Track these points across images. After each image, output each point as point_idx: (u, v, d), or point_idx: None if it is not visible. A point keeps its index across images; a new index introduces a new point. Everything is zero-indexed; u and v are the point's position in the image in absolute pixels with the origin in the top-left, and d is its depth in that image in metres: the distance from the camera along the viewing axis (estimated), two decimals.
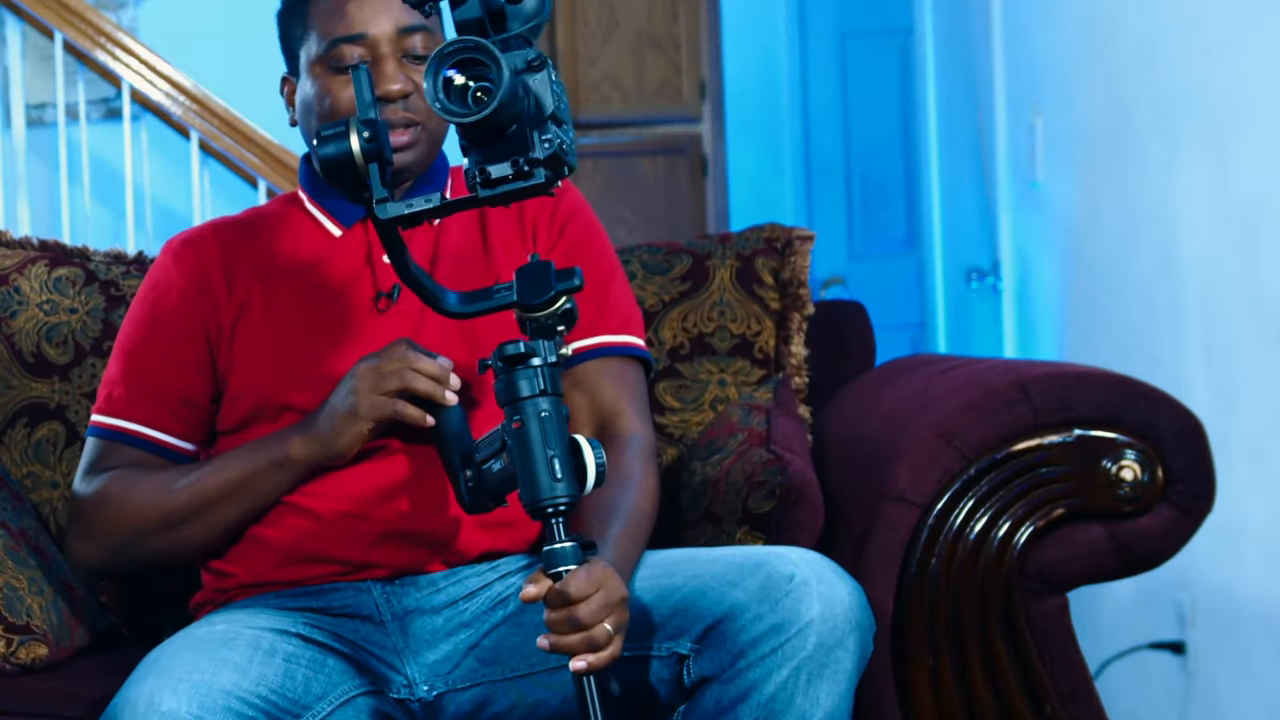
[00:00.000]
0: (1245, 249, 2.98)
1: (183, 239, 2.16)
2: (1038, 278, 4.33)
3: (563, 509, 1.70)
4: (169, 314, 2.11)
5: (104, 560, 2.10)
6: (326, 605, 1.99)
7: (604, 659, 1.70)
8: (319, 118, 2.06)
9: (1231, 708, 3.15)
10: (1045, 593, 2.11)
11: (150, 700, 1.73)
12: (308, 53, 2.09)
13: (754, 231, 2.55)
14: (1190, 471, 2.12)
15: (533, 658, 1.93)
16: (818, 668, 1.77)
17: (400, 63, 2.04)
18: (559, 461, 1.70)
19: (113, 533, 2.06)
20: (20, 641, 2.12)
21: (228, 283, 2.10)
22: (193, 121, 4.70)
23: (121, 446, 2.10)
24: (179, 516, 2.02)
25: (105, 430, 2.11)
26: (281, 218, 2.16)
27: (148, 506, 2.03)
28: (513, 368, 1.73)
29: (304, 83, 2.10)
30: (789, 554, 1.83)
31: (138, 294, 2.16)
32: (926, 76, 5.50)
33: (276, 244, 2.12)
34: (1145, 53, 3.43)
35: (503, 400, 1.73)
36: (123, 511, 2.05)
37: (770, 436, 2.20)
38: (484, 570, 2.02)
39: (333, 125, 1.73)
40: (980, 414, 2.12)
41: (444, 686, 1.96)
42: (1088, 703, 2.11)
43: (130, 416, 2.10)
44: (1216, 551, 3.01)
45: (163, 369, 2.10)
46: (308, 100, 2.09)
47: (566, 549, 1.71)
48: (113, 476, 2.07)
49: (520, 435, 1.71)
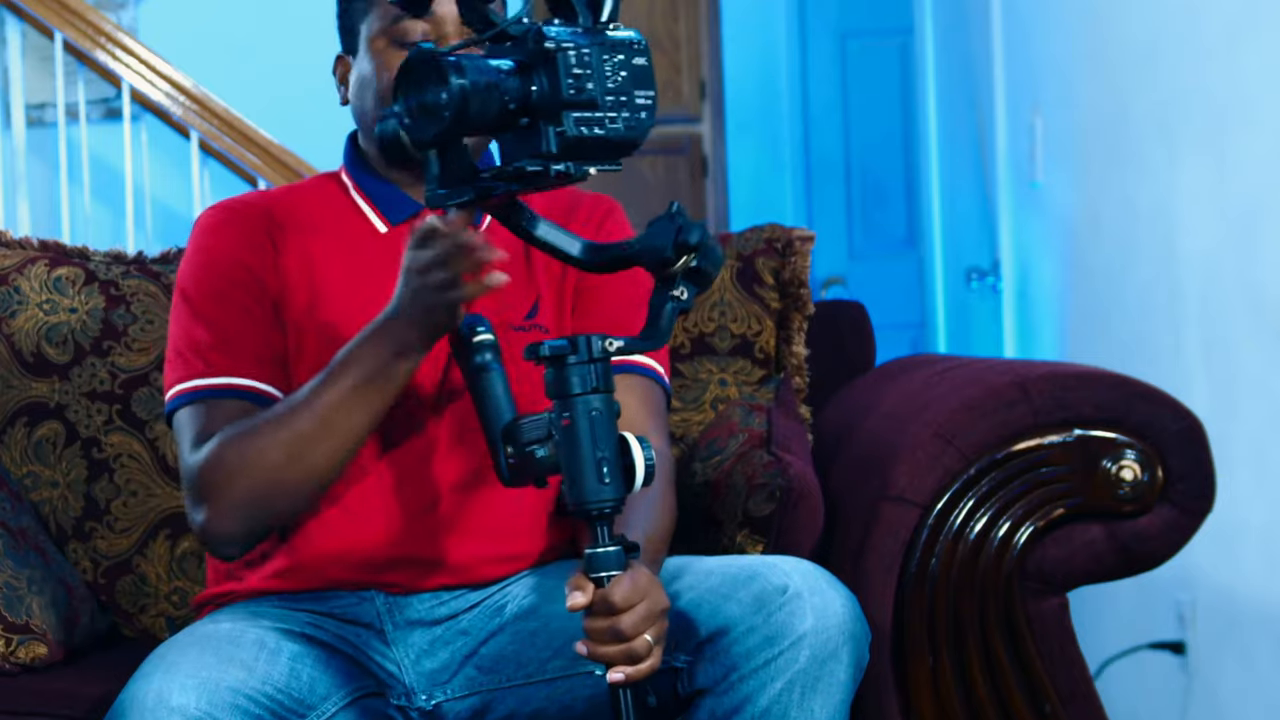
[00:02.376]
0: (1245, 249, 2.98)
1: (226, 205, 2.07)
2: (1038, 278, 4.33)
3: (608, 512, 1.66)
4: (232, 270, 2.01)
5: (240, 525, 1.93)
6: (329, 609, 1.99)
7: (643, 671, 1.67)
8: (375, 94, 2.01)
9: (1231, 708, 3.15)
10: (1045, 593, 2.11)
11: (159, 696, 1.73)
12: (369, 27, 2.03)
13: (754, 232, 2.56)
14: (1190, 471, 2.12)
15: (529, 666, 1.93)
16: (811, 680, 1.76)
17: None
18: (607, 464, 1.65)
19: (240, 488, 1.90)
20: (20, 641, 2.13)
21: (275, 254, 2.03)
22: (193, 121, 4.70)
23: (223, 403, 1.96)
24: (303, 443, 1.88)
25: (203, 392, 1.97)
26: (326, 202, 2.09)
27: (268, 447, 1.89)
28: (563, 362, 1.67)
29: (361, 59, 2.04)
30: (783, 565, 1.81)
31: (190, 263, 2.05)
32: (926, 76, 5.50)
33: (322, 231, 2.05)
34: (1145, 53, 3.43)
35: (552, 394, 1.68)
36: (243, 463, 1.90)
37: (771, 438, 2.20)
38: (489, 588, 2.02)
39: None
40: (980, 414, 2.12)
41: (442, 696, 1.96)
42: (1087, 703, 2.11)
43: (227, 372, 1.97)
44: (1216, 551, 3.01)
45: (242, 324, 2.00)
46: (365, 76, 2.03)
47: (611, 553, 1.66)
48: (219, 438, 1.92)
49: (569, 434, 1.66)
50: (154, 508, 2.42)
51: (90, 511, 2.41)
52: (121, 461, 2.41)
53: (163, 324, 2.43)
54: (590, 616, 1.67)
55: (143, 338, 2.43)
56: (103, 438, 2.42)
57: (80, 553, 2.40)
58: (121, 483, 2.41)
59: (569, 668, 1.90)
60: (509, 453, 1.75)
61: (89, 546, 2.40)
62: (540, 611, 1.95)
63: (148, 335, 2.43)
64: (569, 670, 1.90)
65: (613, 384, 1.68)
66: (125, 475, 2.41)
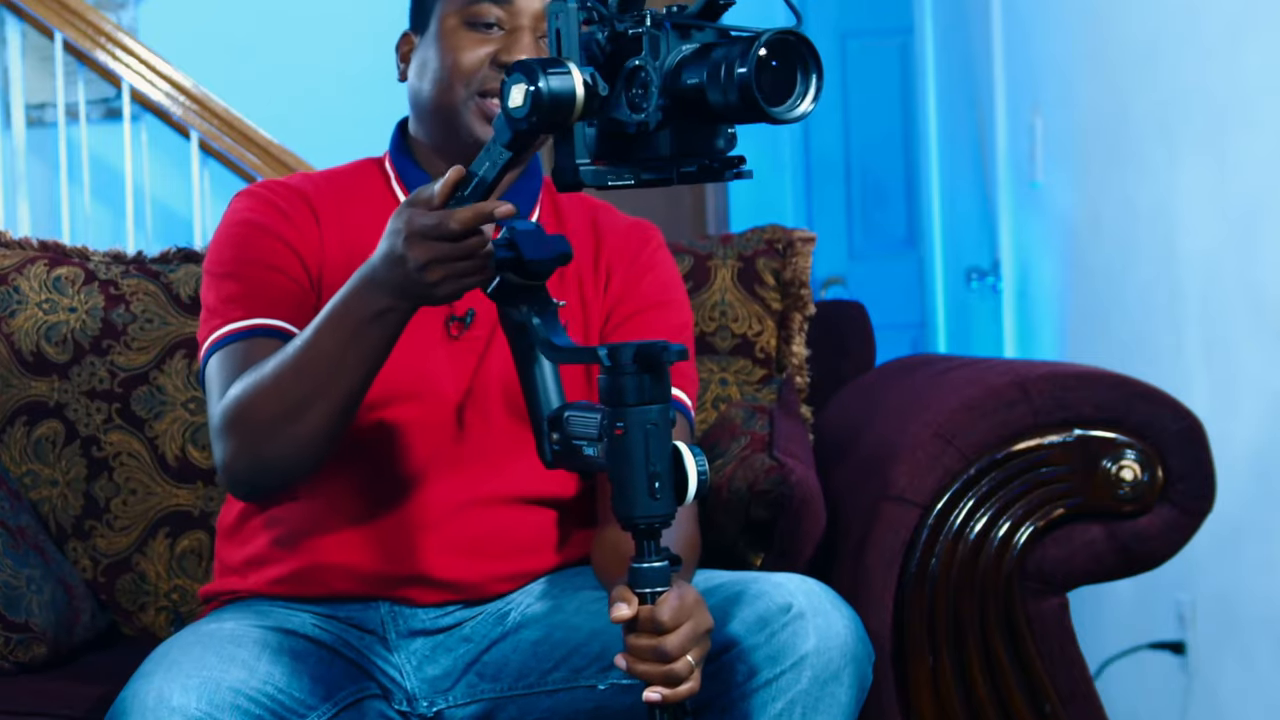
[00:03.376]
0: (1245, 249, 2.97)
1: (264, 184, 2.02)
2: (1038, 278, 4.33)
3: (658, 527, 1.60)
4: (268, 241, 1.95)
5: (249, 472, 1.86)
6: (332, 612, 1.99)
7: (681, 694, 1.63)
8: (435, 75, 1.95)
9: (1231, 708, 3.15)
10: (1045, 593, 2.11)
11: (160, 695, 1.72)
12: (445, 5, 1.96)
13: (755, 233, 2.56)
14: (1190, 471, 2.12)
15: (530, 677, 1.92)
16: (813, 702, 1.75)
17: (537, 42, 1.93)
18: (660, 480, 1.58)
19: (245, 435, 1.83)
20: (19, 640, 2.13)
21: (320, 236, 1.98)
22: (193, 121, 4.70)
23: (253, 343, 1.89)
24: (296, 403, 1.79)
25: (231, 336, 1.90)
26: (366, 190, 2.03)
27: (264, 403, 1.81)
28: (620, 369, 1.59)
29: (428, 39, 1.97)
30: (787, 584, 1.79)
31: (221, 234, 1.98)
32: (926, 76, 5.50)
33: (361, 220, 2.00)
34: (1145, 53, 3.42)
35: (606, 400, 1.60)
36: (247, 413, 1.82)
37: (773, 441, 2.19)
38: (496, 600, 2.01)
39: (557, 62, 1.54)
40: (980, 414, 2.12)
41: (444, 703, 1.95)
42: (1087, 703, 2.11)
43: (256, 314, 1.91)
44: (1216, 551, 3.01)
45: (275, 278, 1.94)
46: (429, 56, 1.96)
47: (658, 569, 1.61)
48: (239, 382, 1.85)
49: (623, 445, 1.59)
50: (153, 506, 2.42)
51: (90, 510, 2.41)
52: (121, 460, 2.41)
53: (162, 323, 2.44)
54: (634, 633, 1.63)
55: (142, 337, 2.43)
56: (102, 436, 2.42)
57: (80, 551, 2.40)
58: (121, 481, 2.41)
59: (570, 680, 1.90)
60: (554, 439, 1.69)
61: (88, 545, 2.40)
62: (543, 621, 1.94)
63: (147, 334, 2.43)
64: (571, 683, 1.90)
65: (669, 393, 1.61)
66: (125, 474, 2.41)
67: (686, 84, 1.52)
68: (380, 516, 1.96)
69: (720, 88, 1.50)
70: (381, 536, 1.96)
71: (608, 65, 1.56)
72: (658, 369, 1.60)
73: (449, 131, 1.96)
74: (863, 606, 2.03)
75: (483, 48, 1.93)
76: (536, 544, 2.00)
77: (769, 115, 1.51)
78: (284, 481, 1.89)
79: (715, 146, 1.57)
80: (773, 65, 1.50)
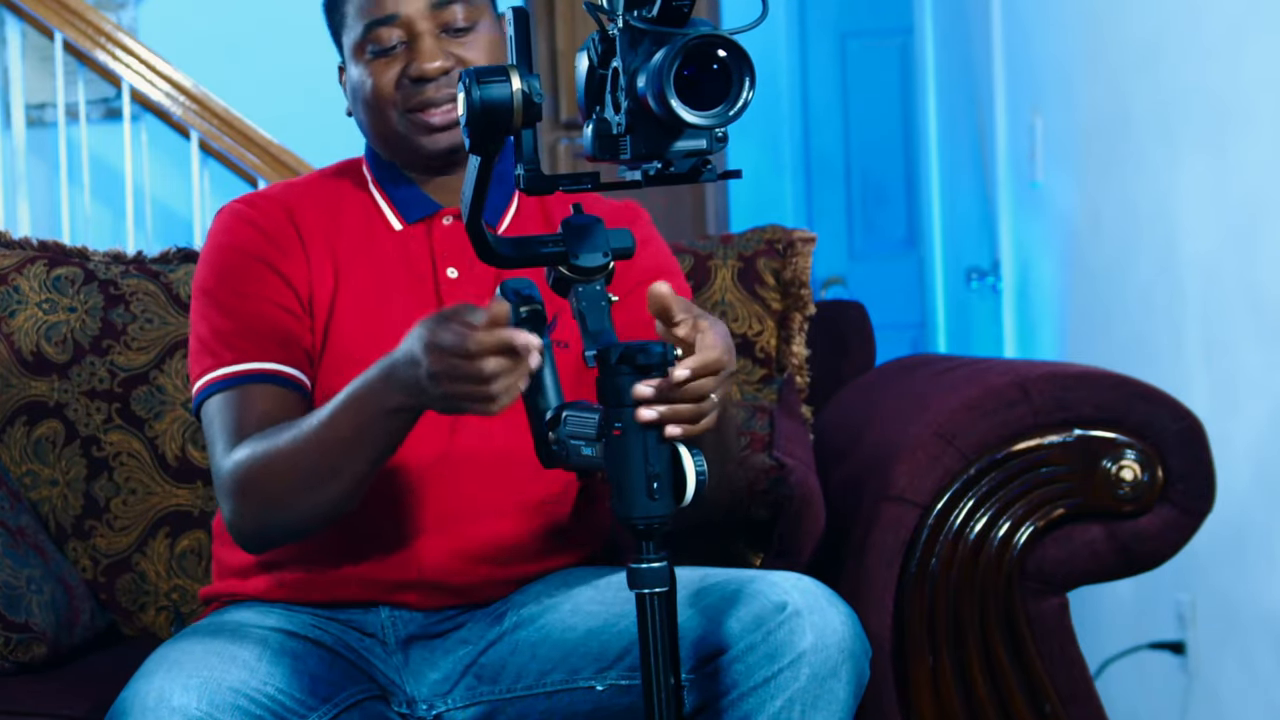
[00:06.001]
0: (1245, 249, 2.97)
1: (247, 200, 2.04)
2: (1038, 278, 4.33)
3: (655, 527, 1.59)
4: (253, 264, 1.98)
5: (258, 535, 1.90)
6: (333, 615, 1.99)
7: (702, 428, 1.61)
8: (365, 105, 2.01)
9: (1231, 708, 3.15)
10: (1045, 593, 2.11)
11: (160, 695, 1.72)
12: (349, 39, 2.02)
13: (755, 233, 2.56)
14: (1190, 471, 2.12)
15: (528, 678, 1.92)
16: (811, 699, 1.75)
17: (439, 39, 1.97)
18: (659, 481, 1.58)
19: (255, 505, 1.87)
20: (19, 640, 2.12)
21: (304, 250, 2.00)
22: (193, 121, 4.70)
23: (251, 390, 1.93)
24: (310, 480, 1.82)
25: (230, 380, 1.93)
26: (346, 197, 2.06)
27: (277, 478, 1.84)
28: (618, 368, 1.58)
29: (349, 70, 2.03)
30: (783, 582, 1.79)
31: (210, 258, 2.01)
32: (926, 76, 5.50)
33: (343, 227, 2.03)
34: (1145, 53, 3.42)
35: (604, 400, 1.60)
36: (259, 487, 1.85)
37: (773, 441, 2.19)
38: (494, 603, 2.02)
39: (493, 70, 1.56)
40: (980, 414, 2.12)
41: (443, 706, 1.95)
42: (1087, 703, 2.11)
43: (253, 357, 1.93)
44: (1216, 552, 3.01)
45: (265, 311, 1.96)
46: (354, 87, 2.02)
47: (656, 569, 1.59)
48: (247, 450, 1.87)
49: (620, 445, 1.58)
50: (153, 506, 2.42)
51: (90, 510, 2.41)
52: (121, 460, 2.41)
53: (162, 323, 2.44)
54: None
55: (142, 337, 2.43)
56: (102, 436, 2.41)
57: (80, 551, 2.40)
58: (121, 481, 2.41)
59: (569, 681, 1.90)
60: (551, 438, 1.68)
61: (88, 545, 2.40)
62: (539, 622, 1.95)
63: (147, 334, 2.43)
64: (569, 684, 1.90)
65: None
66: (125, 473, 2.41)
67: (638, 88, 1.53)
68: (378, 522, 1.96)
69: (653, 95, 1.51)
70: (380, 542, 1.97)
71: (601, 65, 1.58)
72: (656, 371, 1.59)
73: (397, 149, 2.02)
74: (863, 606, 2.03)
75: (391, 69, 1.98)
76: (534, 548, 2.01)
77: (683, 121, 1.51)
78: (293, 541, 1.94)
79: (680, 149, 1.56)
80: (685, 74, 1.51)
